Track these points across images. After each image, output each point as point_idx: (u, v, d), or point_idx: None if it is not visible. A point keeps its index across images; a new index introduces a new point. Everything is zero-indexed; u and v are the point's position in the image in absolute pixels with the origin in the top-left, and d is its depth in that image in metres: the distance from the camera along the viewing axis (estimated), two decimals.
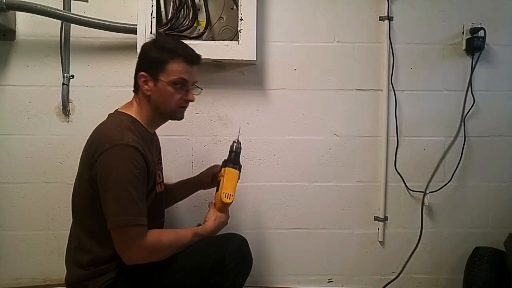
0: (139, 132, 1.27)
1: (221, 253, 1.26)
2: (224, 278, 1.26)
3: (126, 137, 1.18)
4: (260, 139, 1.81)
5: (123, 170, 1.15)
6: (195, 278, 1.25)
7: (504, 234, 1.74)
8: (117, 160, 1.15)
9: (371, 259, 1.87)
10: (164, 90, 1.27)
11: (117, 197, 1.14)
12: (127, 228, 1.15)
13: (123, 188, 1.13)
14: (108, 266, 1.22)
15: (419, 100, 1.83)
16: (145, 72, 1.27)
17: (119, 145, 1.16)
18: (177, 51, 1.27)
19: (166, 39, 1.32)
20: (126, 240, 1.16)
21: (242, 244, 1.34)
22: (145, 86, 1.27)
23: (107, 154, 1.15)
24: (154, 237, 1.19)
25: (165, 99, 1.29)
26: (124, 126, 1.23)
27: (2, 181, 1.75)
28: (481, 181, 1.86)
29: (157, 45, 1.29)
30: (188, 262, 1.24)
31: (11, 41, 1.73)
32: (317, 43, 1.80)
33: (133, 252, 1.17)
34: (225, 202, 1.37)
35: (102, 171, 1.16)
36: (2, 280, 1.77)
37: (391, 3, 1.79)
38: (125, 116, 1.29)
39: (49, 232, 1.77)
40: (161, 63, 1.26)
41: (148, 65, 1.27)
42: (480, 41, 1.77)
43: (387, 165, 1.83)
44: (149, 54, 1.28)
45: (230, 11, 1.73)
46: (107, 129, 1.24)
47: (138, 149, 1.18)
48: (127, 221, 1.14)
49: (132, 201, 1.14)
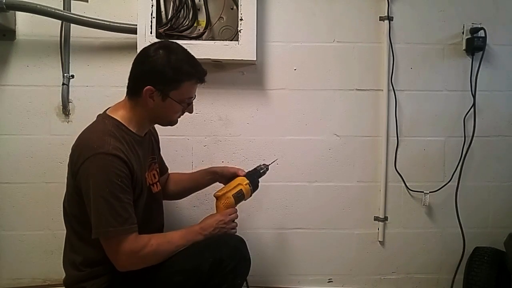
0: (123, 137, 1.23)
1: (218, 255, 1.24)
2: (222, 281, 1.25)
3: (107, 145, 1.16)
4: (260, 139, 1.81)
5: (102, 180, 1.13)
6: (193, 281, 1.24)
7: (504, 234, 1.74)
8: (97, 170, 1.14)
9: (371, 259, 1.87)
10: (170, 107, 1.27)
11: (97, 208, 1.13)
12: (110, 239, 1.15)
13: (103, 199, 1.12)
14: (104, 267, 1.22)
15: (419, 100, 1.83)
16: (153, 87, 1.22)
17: (99, 154, 1.14)
18: (193, 72, 1.26)
19: (178, 55, 1.24)
20: (112, 250, 1.16)
21: (240, 245, 1.33)
22: (150, 100, 1.23)
23: (88, 163, 1.14)
24: (144, 243, 1.18)
25: (169, 113, 1.29)
26: (107, 132, 1.20)
27: (2, 181, 1.75)
28: (481, 181, 1.86)
29: (172, 66, 1.22)
30: (186, 265, 1.23)
31: (11, 41, 1.73)
32: (317, 43, 1.80)
33: (122, 260, 1.16)
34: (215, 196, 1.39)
35: (84, 181, 1.15)
36: (2, 280, 1.77)
37: (391, 3, 1.79)
38: (109, 120, 1.25)
39: (49, 232, 1.77)
40: (175, 83, 1.24)
41: (159, 81, 1.23)
42: (480, 41, 1.77)
43: (387, 165, 1.83)
44: (162, 72, 1.22)
45: (230, 11, 1.73)
46: (89, 135, 1.22)
47: (119, 156, 1.15)
48: (108, 233, 1.13)
49: (113, 211, 1.13)
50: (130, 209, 1.17)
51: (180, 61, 1.24)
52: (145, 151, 1.35)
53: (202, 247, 1.27)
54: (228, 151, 1.80)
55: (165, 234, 1.28)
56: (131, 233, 1.16)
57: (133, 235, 1.16)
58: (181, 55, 1.26)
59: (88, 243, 1.22)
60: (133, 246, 1.16)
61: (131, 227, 1.16)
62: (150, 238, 1.20)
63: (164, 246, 1.22)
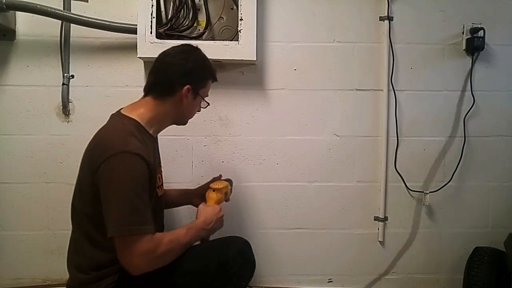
0: (142, 138, 1.23)
1: (224, 256, 1.26)
2: (227, 281, 1.26)
3: (131, 144, 1.15)
4: (260, 139, 1.81)
5: (127, 179, 1.12)
6: (199, 282, 1.24)
7: (504, 234, 1.74)
8: (121, 168, 1.12)
9: (371, 259, 1.87)
10: (196, 104, 1.35)
11: (120, 206, 1.11)
12: (128, 238, 1.11)
13: (126, 197, 1.11)
14: (110, 269, 1.21)
15: (419, 100, 1.83)
16: (190, 86, 1.28)
17: (123, 152, 1.13)
18: (213, 71, 1.37)
19: (203, 55, 1.34)
20: (128, 250, 1.12)
21: (245, 247, 1.35)
22: (185, 99, 1.29)
23: (111, 161, 1.12)
24: (158, 242, 1.16)
25: (194, 111, 1.38)
26: (128, 132, 1.19)
27: (2, 181, 1.75)
28: (481, 181, 1.86)
29: (204, 65, 1.33)
30: (192, 266, 1.24)
31: (11, 41, 1.73)
32: (317, 43, 1.80)
33: (138, 261, 1.13)
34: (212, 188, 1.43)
35: (105, 179, 1.13)
36: (2, 280, 1.77)
37: (391, 3, 1.79)
38: (128, 120, 1.24)
39: (49, 232, 1.77)
40: (204, 82, 1.35)
41: (196, 80, 1.31)
42: (480, 41, 1.77)
43: (387, 165, 1.83)
44: (199, 71, 1.32)
45: (230, 11, 1.73)
46: (110, 134, 1.21)
47: (142, 157, 1.15)
48: (130, 231, 1.10)
49: (135, 210, 1.11)
50: (149, 210, 1.17)
51: (207, 61, 1.35)
52: (156, 153, 1.36)
53: (208, 249, 1.29)
54: (228, 151, 1.80)
55: (173, 233, 1.24)
56: (148, 234, 1.14)
57: (150, 235, 1.15)
58: (204, 55, 1.35)
59: (97, 245, 1.20)
60: (149, 246, 1.13)
61: (150, 228, 1.15)
62: (163, 237, 1.19)
63: (175, 244, 1.21)
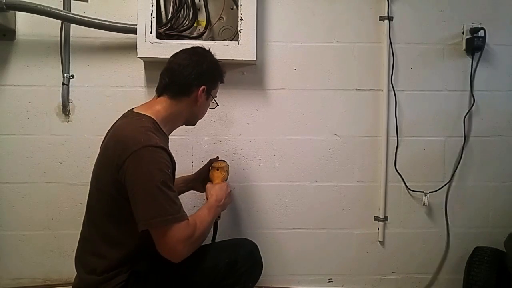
0: (158, 134, 1.24)
1: (234, 257, 1.30)
2: (236, 281, 1.29)
3: (153, 139, 1.17)
4: (260, 139, 1.81)
5: (155, 171, 1.13)
6: (208, 280, 1.27)
7: (504, 234, 1.74)
8: (149, 161, 1.14)
9: (371, 259, 1.87)
10: (207, 104, 1.40)
11: (153, 198, 1.12)
12: (171, 227, 1.13)
13: (157, 188, 1.12)
14: (120, 270, 1.21)
15: (419, 100, 1.83)
16: (206, 86, 1.32)
17: (147, 146, 1.14)
18: (224, 74, 1.42)
19: (214, 57, 1.38)
20: (172, 239, 1.13)
21: (254, 250, 1.38)
22: (200, 99, 1.32)
23: (136, 156, 1.13)
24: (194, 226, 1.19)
25: (204, 111, 1.42)
26: (147, 128, 1.21)
27: (2, 181, 1.75)
28: (481, 181, 1.86)
29: (217, 67, 1.38)
30: (203, 264, 1.27)
31: (11, 41, 1.73)
32: (317, 43, 1.80)
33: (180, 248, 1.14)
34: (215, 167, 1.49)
35: (132, 174, 1.13)
36: (2, 280, 1.77)
37: (391, 3, 1.79)
38: (145, 118, 1.26)
39: (49, 232, 1.77)
40: (216, 81, 1.40)
41: (211, 81, 1.36)
42: (480, 41, 1.77)
43: (387, 165, 1.83)
44: (214, 72, 1.37)
45: (230, 11, 1.73)
46: (130, 130, 1.21)
47: (166, 149, 1.19)
48: (172, 220, 1.12)
49: (169, 200, 1.14)
50: (178, 199, 1.19)
51: (218, 63, 1.39)
52: None
53: (219, 249, 1.34)
54: (228, 151, 1.80)
55: (199, 215, 1.27)
56: (186, 219, 1.17)
57: (186, 221, 1.17)
58: (215, 58, 1.39)
59: (113, 243, 1.22)
60: (188, 231, 1.16)
61: (185, 214, 1.18)
62: (195, 221, 1.21)
63: (205, 225, 1.25)
